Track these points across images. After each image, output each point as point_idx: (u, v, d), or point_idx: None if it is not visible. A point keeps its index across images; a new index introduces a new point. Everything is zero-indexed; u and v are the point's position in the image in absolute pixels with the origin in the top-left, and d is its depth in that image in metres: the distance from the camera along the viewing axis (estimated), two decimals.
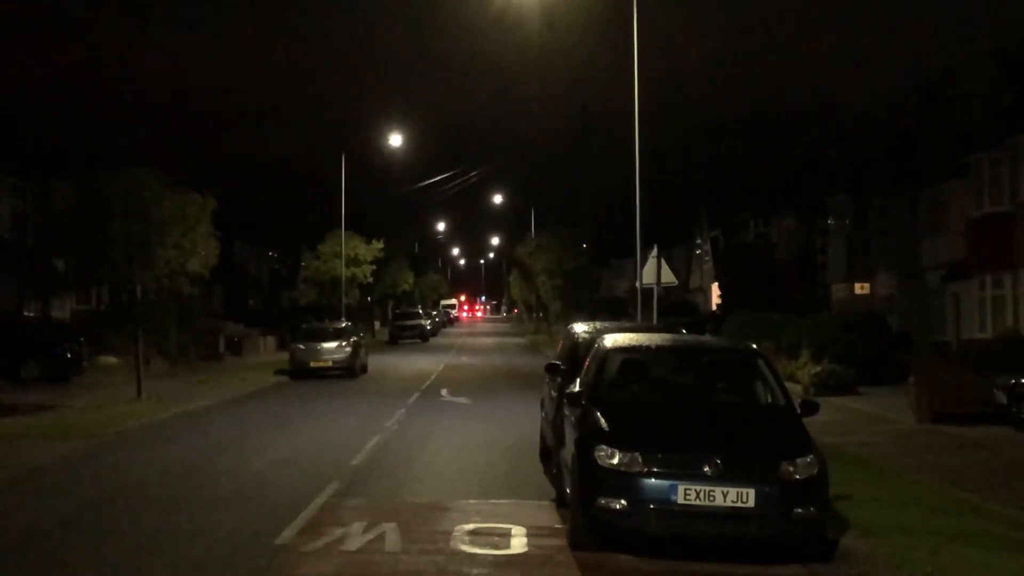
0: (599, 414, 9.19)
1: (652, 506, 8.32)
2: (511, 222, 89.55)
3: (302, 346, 31.08)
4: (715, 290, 55.47)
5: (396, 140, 47.77)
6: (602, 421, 9.05)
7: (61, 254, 25.52)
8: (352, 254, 48.89)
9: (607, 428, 8.93)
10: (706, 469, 8.32)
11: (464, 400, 23.16)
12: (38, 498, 11.66)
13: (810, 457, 8.57)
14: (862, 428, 17.11)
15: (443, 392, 25.07)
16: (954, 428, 16.59)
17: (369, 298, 56.59)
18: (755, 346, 11.37)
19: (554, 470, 11.44)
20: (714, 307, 51.56)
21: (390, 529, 9.57)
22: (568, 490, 9.57)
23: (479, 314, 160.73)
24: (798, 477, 8.41)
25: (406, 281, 63.69)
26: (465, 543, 9.09)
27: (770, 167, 51.52)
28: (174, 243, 21.56)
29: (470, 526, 9.69)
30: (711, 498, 8.23)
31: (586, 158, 40.01)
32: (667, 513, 8.30)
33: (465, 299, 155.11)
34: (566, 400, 10.41)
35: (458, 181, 67.46)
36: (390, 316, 64.54)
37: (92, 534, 9.61)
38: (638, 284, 24.83)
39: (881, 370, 23.94)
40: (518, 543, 9.14)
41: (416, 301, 73.47)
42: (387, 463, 13.82)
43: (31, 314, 35.77)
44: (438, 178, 67.34)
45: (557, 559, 8.66)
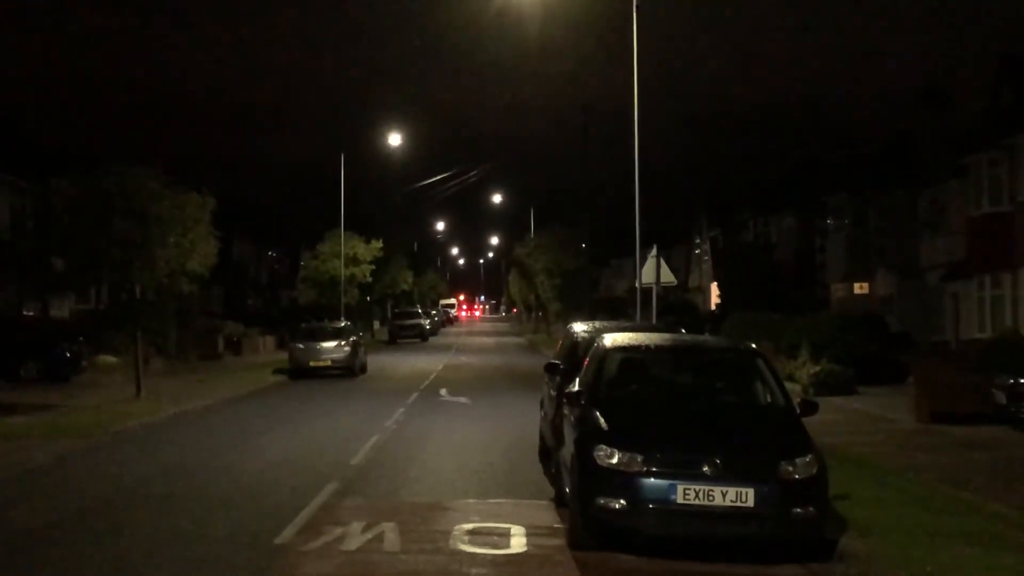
0: (598, 414, 9.19)
1: (651, 506, 8.32)
2: (510, 222, 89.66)
3: (301, 346, 31.07)
4: (714, 290, 55.50)
5: (395, 139, 47.83)
6: (601, 421, 9.05)
7: (60, 254, 25.50)
8: (351, 254, 48.91)
9: (606, 428, 8.93)
10: (705, 469, 8.32)
11: (463, 400, 23.15)
12: (36, 498, 11.64)
13: (809, 457, 8.58)
14: (861, 428, 17.11)
15: (442, 392, 25.07)
16: (953, 428, 16.59)
17: (368, 298, 56.60)
18: (754, 346, 11.36)
19: (553, 469, 11.44)
20: (713, 307, 51.58)
21: (389, 529, 9.56)
22: (567, 490, 9.57)
23: (478, 314, 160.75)
24: (797, 477, 8.41)
25: (405, 281, 63.73)
26: (464, 543, 9.08)
27: (770, 167, 51.61)
28: (174, 243, 21.56)
29: (469, 526, 9.69)
30: (710, 498, 8.24)
31: (586, 157, 39.87)
32: (666, 513, 8.30)
33: (464, 299, 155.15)
34: (565, 400, 10.42)
35: (457, 181, 67.44)
36: (389, 316, 64.56)
37: (90, 534, 9.60)
38: (637, 284, 24.83)
39: (880, 370, 23.94)
40: (517, 543, 9.14)
41: (415, 301, 73.51)
42: (386, 463, 13.82)
43: (30, 314, 35.79)
44: (437, 178, 67.33)
45: (556, 559, 8.66)
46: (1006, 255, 27.74)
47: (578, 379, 10.67)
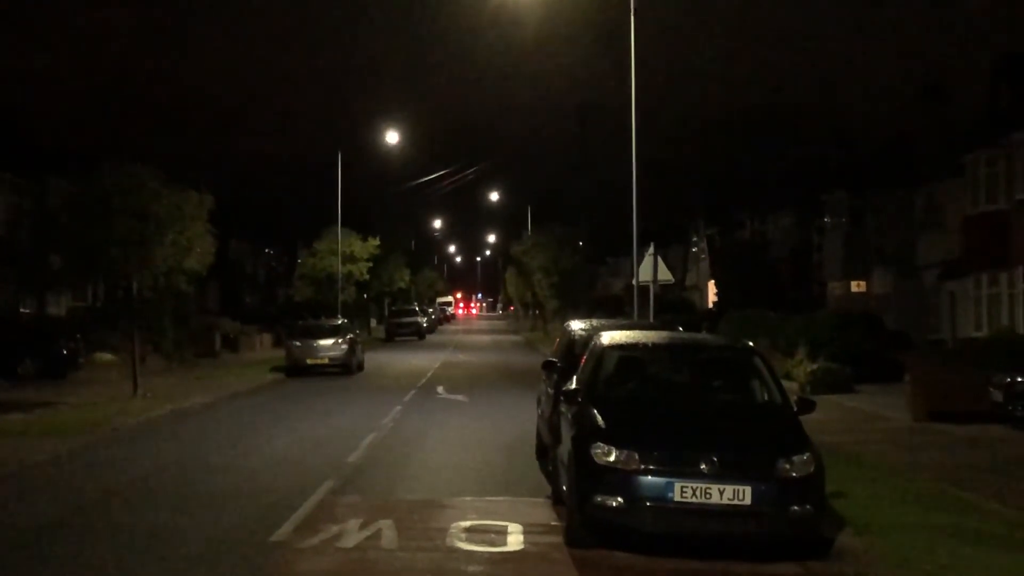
0: (595, 411, 9.19)
1: (648, 503, 8.32)
2: (508, 220, 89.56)
3: (298, 343, 31.05)
4: (711, 288, 55.54)
5: (392, 137, 47.79)
6: (599, 419, 9.05)
7: (58, 251, 25.48)
8: (348, 251, 48.87)
9: (603, 426, 8.93)
10: (702, 467, 8.33)
11: (460, 397, 23.16)
12: (33, 495, 11.63)
13: (806, 455, 8.58)
14: (858, 426, 17.13)
15: (439, 389, 25.07)
16: (950, 426, 16.61)
17: (365, 295, 56.57)
18: (751, 344, 11.37)
19: (550, 467, 11.45)
20: (710, 305, 51.58)
21: (386, 526, 9.56)
22: (564, 487, 9.57)
23: (475, 311, 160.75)
24: (795, 475, 8.42)
25: (402, 278, 63.68)
26: (461, 540, 9.09)
27: (767, 165, 51.59)
28: (171, 241, 21.53)
29: (466, 523, 9.69)
30: (707, 496, 8.24)
31: (583, 158, 39.91)
32: (663, 511, 8.31)
33: (461, 296, 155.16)
34: (562, 397, 10.42)
35: (455, 179, 67.48)
36: (386, 313, 64.55)
37: (87, 531, 9.60)
38: (635, 282, 24.85)
39: (877, 368, 23.96)
40: (514, 540, 9.14)
41: (412, 298, 73.48)
42: (383, 460, 13.82)
43: (27, 311, 35.74)
44: (435, 175, 67.34)
45: (553, 556, 8.66)
46: (1003, 253, 27.76)
47: (575, 377, 10.67)
